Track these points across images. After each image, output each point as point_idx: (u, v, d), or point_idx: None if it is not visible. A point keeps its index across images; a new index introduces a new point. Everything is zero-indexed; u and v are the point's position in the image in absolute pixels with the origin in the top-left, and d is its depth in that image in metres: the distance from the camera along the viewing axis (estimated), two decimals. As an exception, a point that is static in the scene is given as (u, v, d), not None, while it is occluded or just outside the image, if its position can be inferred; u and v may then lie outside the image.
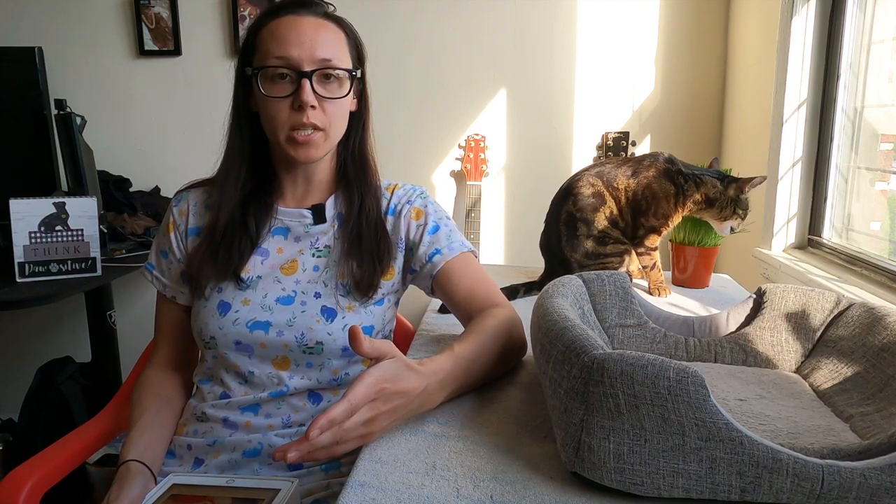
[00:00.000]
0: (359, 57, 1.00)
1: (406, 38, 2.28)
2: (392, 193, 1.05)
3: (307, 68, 0.91)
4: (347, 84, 0.95)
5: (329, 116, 0.94)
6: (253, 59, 0.95)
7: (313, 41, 0.91)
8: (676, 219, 1.30)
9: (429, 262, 1.00)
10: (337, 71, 0.93)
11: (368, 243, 0.98)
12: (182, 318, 1.05)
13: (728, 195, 1.26)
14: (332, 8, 0.99)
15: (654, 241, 1.31)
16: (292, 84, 0.91)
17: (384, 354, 0.70)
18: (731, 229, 1.29)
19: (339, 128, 0.97)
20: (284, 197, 1.03)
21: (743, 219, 1.28)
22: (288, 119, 0.92)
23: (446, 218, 1.05)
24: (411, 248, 1.02)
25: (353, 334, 0.66)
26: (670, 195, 1.27)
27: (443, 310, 1.23)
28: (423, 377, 0.73)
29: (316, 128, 0.93)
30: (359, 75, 0.99)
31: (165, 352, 1.06)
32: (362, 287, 0.97)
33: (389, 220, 1.03)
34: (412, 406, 0.72)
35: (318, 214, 1.01)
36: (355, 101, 1.01)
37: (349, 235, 0.99)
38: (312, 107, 0.91)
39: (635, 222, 1.30)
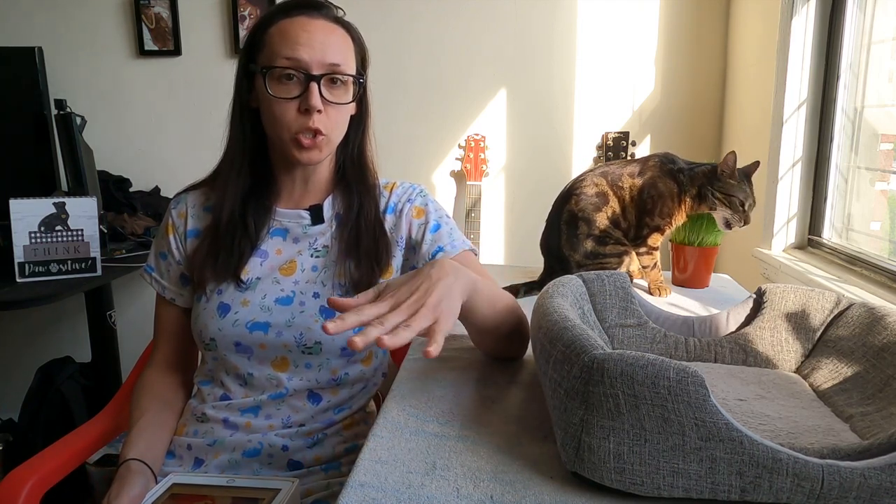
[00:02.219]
0: (363, 62, 1.00)
1: (406, 37, 2.28)
2: (391, 192, 1.05)
3: (316, 72, 0.90)
4: (352, 90, 0.95)
5: (333, 121, 0.94)
6: (259, 55, 0.94)
7: (324, 45, 0.91)
8: (680, 218, 1.30)
9: (432, 260, 1.00)
10: (344, 76, 0.93)
11: (367, 244, 0.98)
12: (182, 320, 1.05)
13: (714, 184, 1.25)
14: (342, 13, 0.99)
15: (656, 240, 1.32)
16: (300, 86, 0.91)
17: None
18: (727, 222, 1.26)
19: (340, 132, 0.97)
20: (282, 198, 1.02)
21: (730, 208, 1.24)
22: (294, 121, 0.92)
23: (446, 216, 1.05)
24: (413, 247, 1.02)
25: (332, 304, 0.70)
26: (674, 194, 1.27)
27: None
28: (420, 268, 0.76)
29: (319, 132, 0.92)
30: (363, 81, 0.99)
31: (165, 353, 1.06)
32: (361, 288, 0.97)
33: (389, 218, 1.03)
34: (442, 277, 0.72)
35: (316, 215, 1.01)
36: (355, 104, 1.01)
37: (347, 236, 0.99)
38: (319, 111, 0.91)
39: (639, 222, 1.30)
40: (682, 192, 1.27)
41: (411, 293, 0.70)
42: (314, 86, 0.90)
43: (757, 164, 1.27)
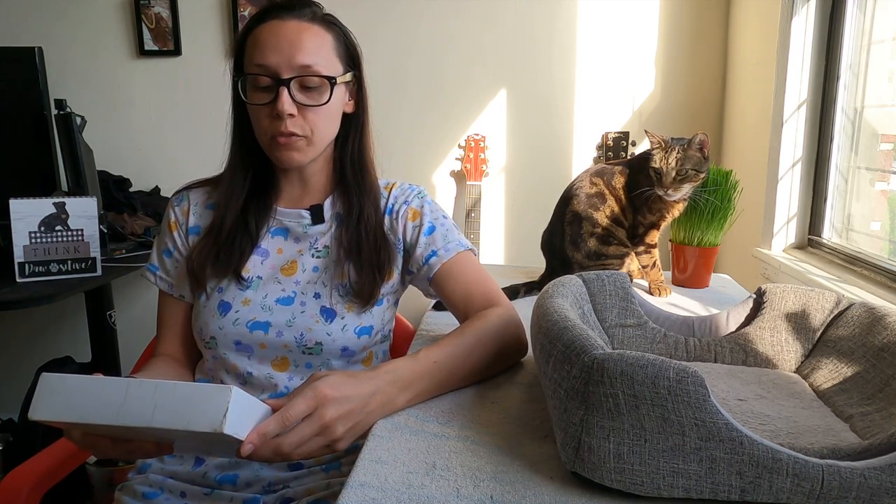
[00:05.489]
0: (352, 59, 0.98)
1: (406, 37, 2.28)
2: (389, 193, 1.04)
3: (285, 75, 0.90)
4: (329, 90, 0.93)
5: (310, 123, 0.93)
6: (241, 63, 0.95)
7: (293, 47, 0.90)
8: (672, 209, 1.30)
9: (425, 265, 0.99)
10: (316, 78, 0.92)
11: (367, 253, 0.98)
12: (189, 317, 1.04)
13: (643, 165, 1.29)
14: (320, 9, 0.96)
15: (653, 237, 1.32)
16: (272, 91, 0.91)
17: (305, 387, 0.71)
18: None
19: (323, 133, 0.96)
20: (283, 197, 1.03)
21: (658, 182, 1.25)
22: (269, 126, 0.92)
23: (443, 217, 1.03)
24: (408, 250, 1.02)
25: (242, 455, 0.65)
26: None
27: (437, 306, 1.23)
28: (371, 380, 0.74)
29: (295, 135, 0.92)
30: (348, 79, 0.97)
31: (170, 349, 1.04)
32: (363, 295, 0.97)
33: (386, 219, 1.02)
34: (370, 408, 0.73)
35: (317, 215, 1.01)
36: (352, 102, 1.00)
37: (347, 241, 0.99)
38: (291, 115, 0.90)
39: (635, 221, 1.31)
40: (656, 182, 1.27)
41: (315, 433, 0.69)
42: (283, 90, 0.89)
43: (697, 135, 1.25)
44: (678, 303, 1.31)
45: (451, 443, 0.69)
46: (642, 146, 2.26)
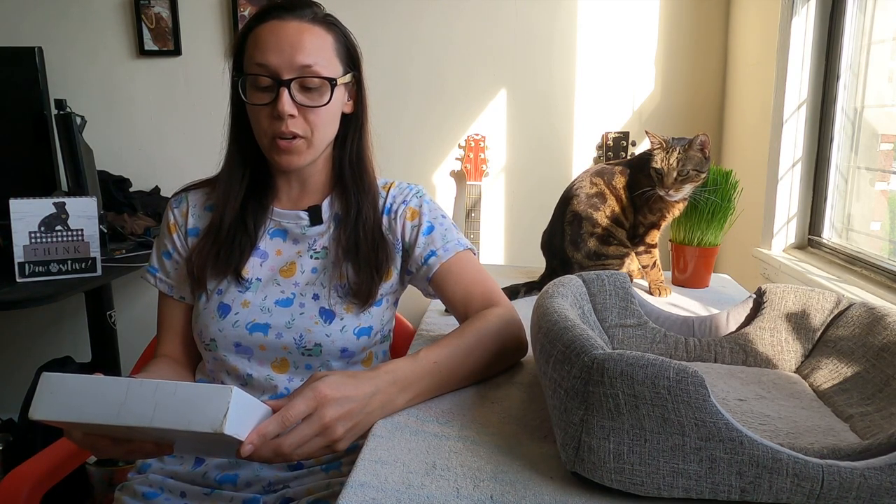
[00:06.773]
0: (352, 60, 0.98)
1: (407, 38, 2.28)
2: (388, 192, 1.04)
3: (286, 76, 0.90)
4: (330, 90, 0.93)
5: (311, 124, 0.93)
6: (240, 63, 0.95)
7: (293, 47, 0.90)
8: (672, 209, 1.30)
9: (424, 265, 0.99)
10: (317, 79, 0.92)
11: (366, 252, 0.97)
12: (189, 318, 1.04)
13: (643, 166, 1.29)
14: (320, 9, 0.96)
15: (654, 237, 1.32)
16: (272, 92, 0.90)
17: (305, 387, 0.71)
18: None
19: (323, 134, 0.95)
20: (280, 198, 1.02)
21: (659, 183, 1.25)
22: (269, 127, 0.92)
23: (441, 217, 1.03)
24: (407, 250, 1.01)
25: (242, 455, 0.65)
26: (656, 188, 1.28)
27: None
28: (371, 381, 0.74)
29: (297, 136, 0.92)
30: (348, 80, 0.97)
31: (171, 350, 1.04)
32: (361, 295, 0.97)
33: (385, 219, 1.02)
34: (370, 408, 0.73)
35: (315, 216, 1.01)
36: (351, 102, 1.01)
37: (346, 241, 0.98)
38: (291, 115, 0.90)
39: (635, 221, 1.31)
40: (657, 182, 1.27)
41: (316, 433, 0.69)
42: (283, 91, 0.89)
43: (698, 136, 1.26)
44: (678, 303, 1.31)
45: (451, 443, 0.69)
46: (642, 146, 2.26)
